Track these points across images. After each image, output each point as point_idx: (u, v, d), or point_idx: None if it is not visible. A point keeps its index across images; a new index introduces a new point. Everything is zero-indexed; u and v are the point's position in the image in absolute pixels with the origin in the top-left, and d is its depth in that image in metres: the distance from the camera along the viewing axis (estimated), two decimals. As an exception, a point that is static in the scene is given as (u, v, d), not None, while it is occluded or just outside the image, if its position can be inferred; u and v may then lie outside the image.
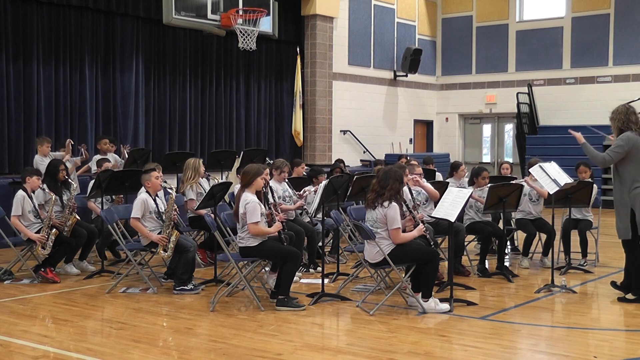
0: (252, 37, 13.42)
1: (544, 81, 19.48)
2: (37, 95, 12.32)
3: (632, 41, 18.18)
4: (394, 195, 6.66)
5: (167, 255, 7.59)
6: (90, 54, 13.03)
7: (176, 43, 14.41)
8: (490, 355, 5.49)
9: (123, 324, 6.37)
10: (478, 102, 20.58)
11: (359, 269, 8.01)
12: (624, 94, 17.53)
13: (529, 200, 9.16)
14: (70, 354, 5.47)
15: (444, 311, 6.68)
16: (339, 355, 5.46)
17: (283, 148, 16.70)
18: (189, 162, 8.98)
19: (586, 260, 9.11)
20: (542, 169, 7.98)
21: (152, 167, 8.26)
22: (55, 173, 8.58)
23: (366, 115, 18.61)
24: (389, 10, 19.25)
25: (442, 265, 7.75)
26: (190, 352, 5.54)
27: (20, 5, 12.07)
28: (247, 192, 6.89)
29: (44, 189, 8.38)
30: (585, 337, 6.11)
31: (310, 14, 16.79)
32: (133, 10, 13.46)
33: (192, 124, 14.87)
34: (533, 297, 7.47)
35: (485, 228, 8.77)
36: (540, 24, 19.61)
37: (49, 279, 8.02)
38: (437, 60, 21.08)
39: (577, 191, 8.34)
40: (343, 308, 6.95)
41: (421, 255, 6.72)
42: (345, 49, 17.94)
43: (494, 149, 21.12)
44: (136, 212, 7.62)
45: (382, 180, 6.70)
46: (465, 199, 7.00)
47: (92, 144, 12.92)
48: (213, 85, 15.21)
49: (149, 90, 14.06)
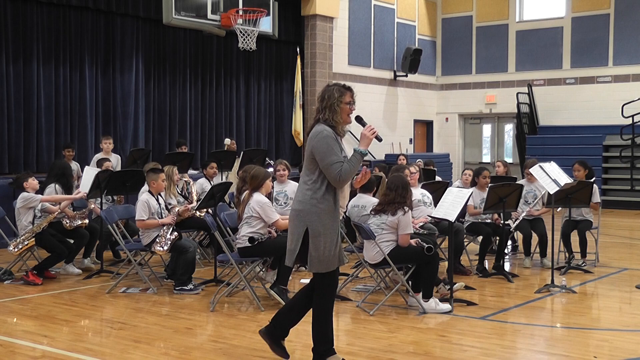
0: (252, 37, 13.41)
1: (544, 81, 19.48)
2: (37, 95, 12.32)
3: (632, 41, 18.18)
4: (408, 202, 6.73)
5: (165, 252, 7.58)
6: (90, 54, 13.03)
7: (176, 43, 14.41)
8: (490, 355, 5.49)
9: (123, 324, 6.37)
10: (478, 102, 20.58)
11: (359, 269, 8.01)
12: (624, 94, 17.57)
13: (524, 202, 9.17)
14: (70, 354, 5.47)
15: (444, 311, 6.68)
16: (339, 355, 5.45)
17: (283, 148, 16.70)
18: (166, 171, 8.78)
19: (585, 260, 9.10)
20: (542, 169, 7.98)
21: (161, 169, 8.26)
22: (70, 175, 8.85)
23: (366, 116, 18.31)
24: (389, 10, 19.25)
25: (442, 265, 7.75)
26: (190, 352, 5.54)
27: (20, 5, 12.07)
28: (258, 194, 6.94)
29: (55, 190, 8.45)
30: (585, 337, 6.11)
31: (310, 14, 16.79)
32: (133, 10, 13.46)
33: (192, 124, 14.88)
34: (533, 297, 7.47)
35: (485, 228, 8.79)
36: (540, 24, 19.61)
37: (29, 281, 8.02)
38: (437, 60, 21.08)
39: (577, 191, 8.34)
40: (343, 308, 6.95)
41: (421, 255, 6.73)
42: (345, 49, 17.95)
43: (494, 149, 21.12)
44: (140, 214, 7.62)
45: (398, 188, 6.75)
46: (465, 199, 7.01)
47: (92, 143, 12.94)
48: (213, 85, 15.21)
49: (149, 90, 14.06)
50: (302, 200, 4.82)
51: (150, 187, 7.88)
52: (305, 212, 4.78)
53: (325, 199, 4.77)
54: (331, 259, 4.82)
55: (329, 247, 4.79)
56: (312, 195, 4.77)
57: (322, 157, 4.72)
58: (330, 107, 4.85)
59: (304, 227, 4.78)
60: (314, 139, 4.80)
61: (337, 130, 4.86)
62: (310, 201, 4.78)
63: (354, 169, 4.76)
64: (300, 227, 4.81)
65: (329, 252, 4.79)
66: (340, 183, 4.75)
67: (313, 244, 4.77)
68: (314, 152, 4.77)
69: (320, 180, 4.78)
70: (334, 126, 4.85)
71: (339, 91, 4.89)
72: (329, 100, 4.86)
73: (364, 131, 4.83)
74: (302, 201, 4.81)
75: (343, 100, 4.84)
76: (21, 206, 8.21)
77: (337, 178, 4.70)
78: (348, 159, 4.76)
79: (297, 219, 4.83)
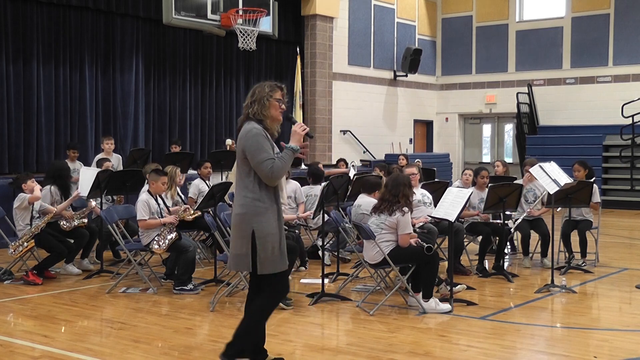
0: (252, 37, 13.42)
1: (544, 81, 19.48)
2: (37, 95, 12.32)
3: (632, 41, 18.18)
4: (408, 202, 6.71)
5: (162, 250, 7.58)
6: (90, 54, 13.03)
7: (176, 43, 14.42)
8: (490, 355, 5.48)
9: (123, 324, 6.37)
10: (478, 102, 20.58)
11: (359, 269, 8.00)
12: (624, 94, 17.57)
13: (525, 202, 9.17)
14: (70, 354, 5.46)
15: (444, 311, 6.68)
16: (339, 355, 5.46)
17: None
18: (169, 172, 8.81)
19: (585, 260, 9.10)
20: (542, 169, 7.98)
21: (164, 171, 8.25)
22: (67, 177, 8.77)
23: (366, 115, 18.61)
24: (389, 10, 19.26)
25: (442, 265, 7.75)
26: (190, 352, 5.54)
27: (20, 5, 12.08)
28: None
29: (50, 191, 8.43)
30: (585, 337, 6.11)
31: (310, 14, 16.80)
32: (133, 10, 13.47)
33: (192, 124, 14.88)
34: (533, 297, 7.47)
35: (485, 228, 8.78)
36: (540, 24, 19.62)
37: (29, 281, 8.02)
38: (437, 60, 21.09)
39: (577, 191, 8.33)
40: (343, 308, 6.95)
41: (421, 255, 6.72)
42: (345, 49, 17.95)
43: (494, 149, 21.12)
44: (141, 214, 7.62)
45: (394, 188, 6.73)
46: (465, 199, 7.00)
47: (92, 143, 12.94)
48: (213, 85, 15.22)
49: (149, 90, 14.07)
50: (243, 203, 4.70)
51: (149, 187, 7.88)
52: (250, 214, 4.66)
53: (265, 197, 4.67)
54: (280, 258, 4.73)
55: (277, 246, 4.69)
56: (252, 197, 4.66)
57: (252, 155, 4.61)
58: (260, 100, 4.72)
59: (251, 230, 4.65)
60: (243, 138, 4.67)
61: (266, 124, 4.72)
62: (252, 203, 4.65)
63: (286, 166, 4.66)
64: (246, 230, 4.66)
65: (277, 250, 4.70)
66: (272, 180, 4.62)
67: (261, 245, 4.64)
68: (245, 152, 4.66)
69: (258, 180, 4.67)
70: (261, 120, 4.71)
71: (270, 87, 4.78)
72: (259, 94, 4.74)
73: (294, 128, 4.72)
74: (244, 204, 4.68)
75: (273, 95, 4.73)
76: (16, 206, 8.21)
77: (269, 175, 4.58)
78: (279, 156, 4.65)
79: (243, 223, 4.68)
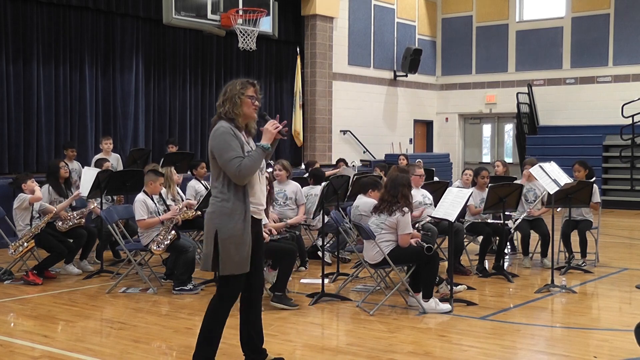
0: (252, 37, 13.41)
1: (544, 81, 19.48)
2: (37, 95, 12.32)
3: (632, 41, 18.18)
4: (407, 202, 6.71)
5: (160, 250, 7.57)
6: (90, 54, 13.03)
7: (176, 43, 14.41)
8: (490, 355, 5.48)
9: (123, 324, 6.37)
10: (478, 102, 20.58)
11: (359, 269, 8.00)
12: (624, 94, 17.57)
13: (525, 201, 9.17)
14: (70, 354, 5.46)
15: (444, 311, 6.68)
16: (339, 355, 5.46)
17: (283, 148, 16.69)
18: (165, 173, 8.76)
19: (585, 260, 9.10)
20: (542, 169, 7.98)
21: (162, 173, 8.25)
22: (57, 172, 8.66)
23: (366, 115, 18.60)
24: (389, 10, 19.25)
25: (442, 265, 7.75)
26: (190, 352, 5.50)
27: (20, 5, 12.07)
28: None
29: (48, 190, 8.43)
30: (585, 337, 6.11)
31: (310, 14, 16.79)
32: (133, 10, 13.46)
33: (192, 123, 14.88)
34: (533, 297, 7.47)
35: (485, 228, 8.78)
36: (540, 24, 19.62)
37: (29, 281, 8.01)
38: (437, 60, 21.09)
39: (577, 191, 8.34)
40: (343, 308, 6.95)
41: (421, 255, 6.72)
42: (345, 49, 17.95)
43: (494, 149, 21.12)
44: (140, 214, 7.62)
45: (392, 189, 6.73)
46: (465, 199, 7.01)
47: (92, 143, 12.93)
48: (213, 85, 15.21)
49: (149, 90, 14.06)
50: (212, 203, 4.65)
51: (146, 187, 7.87)
52: (216, 214, 4.58)
53: (232, 198, 4.56)
54: (243, 262, 4.59)
55: (241, 249, 4.56)
56: (221, 197, 4.57)
57: (219, 154, 4.52)
58: (231, 99, 4.62)
59: (214, 230, 4.57)
60: (211, 137, 4.62)
61: (237, 123, 4.63)
62: (219, 203, 4.58)
63: (256, 164, 4.54)
64: (211, 231, 4.59)
65: (241, 253, 4.57)
66: (240, 179, 4.51)
67: (223, 246, 4.54)
68: (213, 152, 4.59)
69: (227, 181, 4.56)
70: (233, 119, 4.62)
71: (241, 84, 4.69)
72: (230, 92, 4.65)
73: (267, 126, 4.61)
74: (212, 204, 4.62)
75: (245, 92, 4.63)
76: (16, 207, 8.22)
77: (236, 174, 4.47)
78: (249, 154, 4.55)
79: (209, 222, 4.61)
